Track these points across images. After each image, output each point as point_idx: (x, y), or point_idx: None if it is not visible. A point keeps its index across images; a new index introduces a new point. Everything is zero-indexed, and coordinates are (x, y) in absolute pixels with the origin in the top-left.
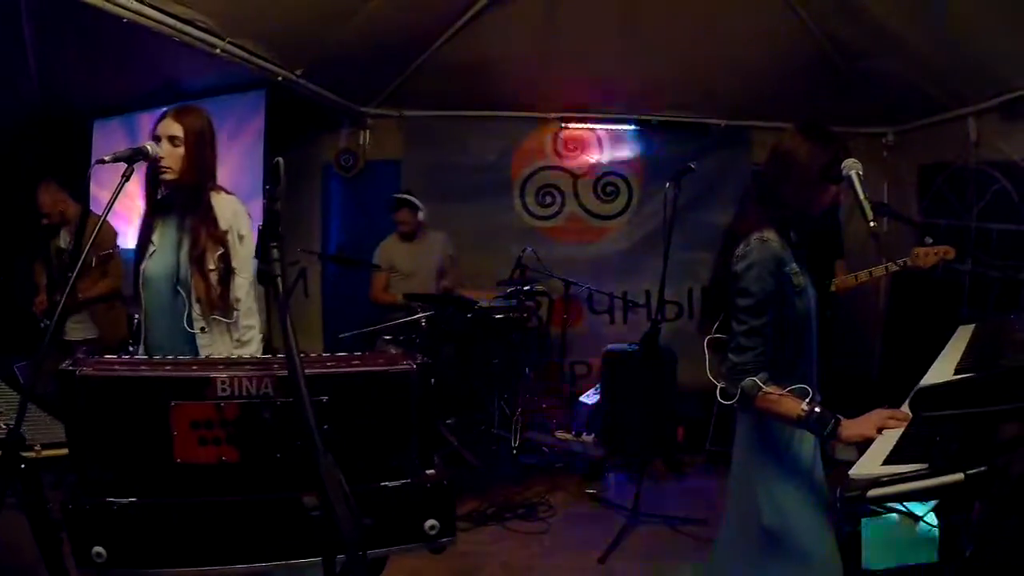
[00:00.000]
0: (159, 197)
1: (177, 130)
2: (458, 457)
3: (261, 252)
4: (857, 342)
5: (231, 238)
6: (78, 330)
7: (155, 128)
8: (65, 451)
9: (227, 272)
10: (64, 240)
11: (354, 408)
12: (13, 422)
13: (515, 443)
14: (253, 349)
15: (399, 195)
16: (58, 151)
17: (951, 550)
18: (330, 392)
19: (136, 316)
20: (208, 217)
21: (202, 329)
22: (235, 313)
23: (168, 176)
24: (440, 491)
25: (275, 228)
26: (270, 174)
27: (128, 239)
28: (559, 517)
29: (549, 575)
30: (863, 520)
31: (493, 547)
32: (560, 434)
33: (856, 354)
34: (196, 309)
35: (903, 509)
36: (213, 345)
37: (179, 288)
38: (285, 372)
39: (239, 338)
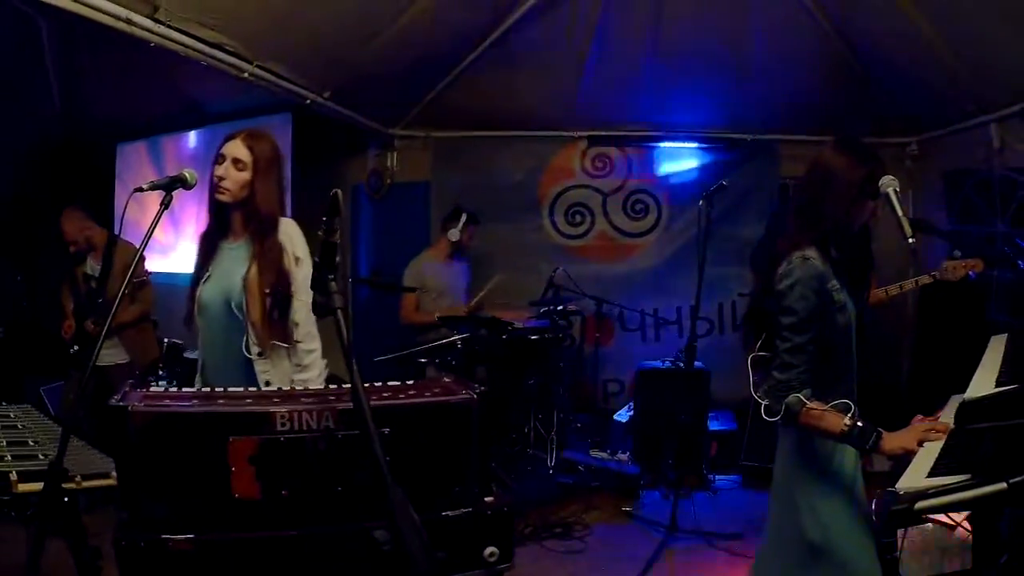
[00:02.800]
0: (215, 222)
1: (244, 154)
2: (494, 477)
3: (318, 284)
4: (886, 352)
5: (287, 261)
6: (109, 355)
7: (221, 147)
8: (107, 481)
9: (284, 296)
10: (90, 266)
11: (416, 439)
12: (49, 452)
13: (551, 463)
14: (315, 373)
15: (463, 209)
16: (81, 175)
17: (985, 557)
18: (392, 424)
19: (166, 340)
20: (275, 245)
21: (259, 354)
22: (293, 338)
23: (225, 198)
24: (500, 518)
25: (332, 260)
26: (329, 205)
27: (162, 265)
28: (596, 536)
29: None
30: (899, 531)
31: (530, 567)
32: (595, 452)
33: (885, 364)
34: (252, 334)
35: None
36: (272, 371)
37: (236, 313)
38: (344, 405)
39: (299, 363)
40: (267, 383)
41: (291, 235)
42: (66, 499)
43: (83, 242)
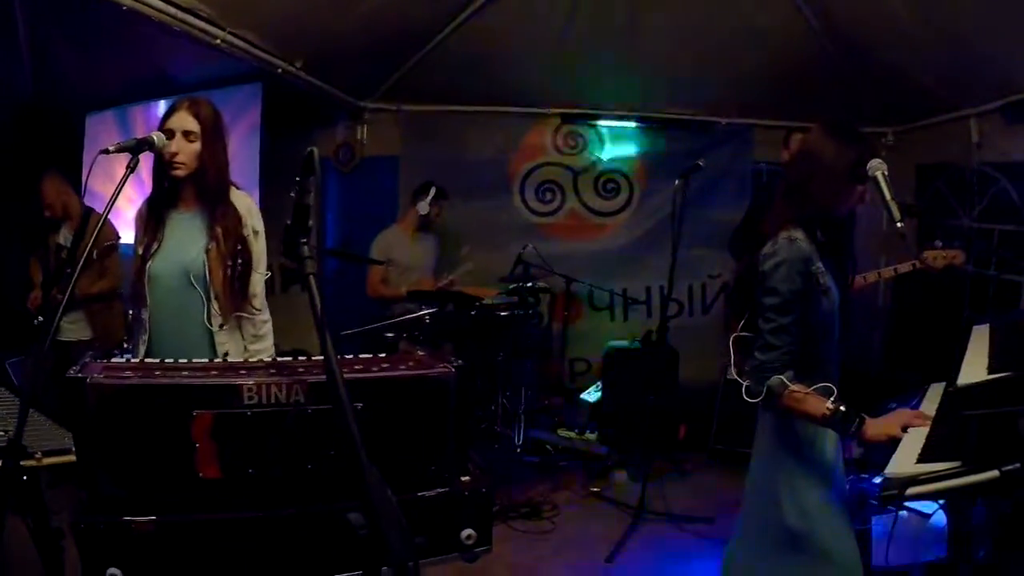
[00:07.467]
0: (164, 193)
1: (192, 124)
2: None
3: (288, 249)
4: (857, 337)
5: (247, 234)
6: (72, 330)
7: (164, 121)
8: (68, 458)
9: (245, 269)
10: (64, 236)
11: (390, 414)
12: (10, 427)
13: (519, 442)
14: (269, 343)
15: (432, 183)
16: (51, 145)
17: (961, 546)
18: (365, 398)
19: (130, 312)
20: (231, 213)
21: (221, 326)
22: (252, 309)
23: (181, 172)
24: (478, 499)
25: (305, 223)
26: (303, 164)
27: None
28: (564, 516)
29: (555, 575)
30: (873, 517)
31: (498, 547)
32: (563, 432)
33: (855, 350)
34: (215, 306)
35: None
36: (230, 342)
37: (195, 285)
38: (315, 377)
39: (255, 333)
40: (226, 354)
41: (251, 207)
42: (25, 477)
43: (60, 208)
